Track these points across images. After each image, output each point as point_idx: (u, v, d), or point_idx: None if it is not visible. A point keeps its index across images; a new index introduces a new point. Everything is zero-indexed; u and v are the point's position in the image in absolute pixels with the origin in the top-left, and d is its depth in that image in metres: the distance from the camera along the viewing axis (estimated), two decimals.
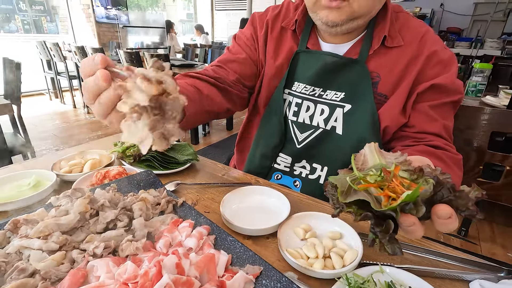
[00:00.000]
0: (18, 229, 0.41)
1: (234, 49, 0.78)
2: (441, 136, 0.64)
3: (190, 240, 0.42)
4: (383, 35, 0.64)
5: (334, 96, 0.68)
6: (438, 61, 0.63)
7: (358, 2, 0.56)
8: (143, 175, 0.61)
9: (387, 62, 0.65)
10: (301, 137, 0.73)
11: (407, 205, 0.30)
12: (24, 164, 0.76)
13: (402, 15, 0.68)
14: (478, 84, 1.73)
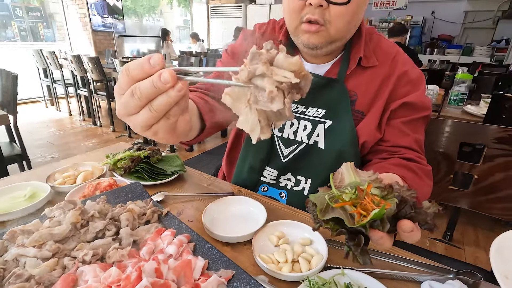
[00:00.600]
0: (15, 238, 0.46)
1: (231, 64, 0.82)
2: (413, 149, 0.70)
3: (171, 247, 0.47)
4: (359, 56, 0.70)
5: (316, 113, 0.73)
6: (408, 80, 0.70)
7: (335, 28, 0.62)
8: (131, 187, 0.65)
9: (363, 81, 0.71)
10: (286, 152, 0.78)
11: (375, 222, 0.36)
12: (20, 176, 0.80)
13: (375, 36, 0.75)
14: (460, 94, 1.81)
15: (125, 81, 0.34)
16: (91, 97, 3.75)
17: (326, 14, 0.60)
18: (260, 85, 0.32)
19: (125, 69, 0.34)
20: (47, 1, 5.89)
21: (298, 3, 0.62)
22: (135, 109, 0.35)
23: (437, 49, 7.55)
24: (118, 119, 4.11)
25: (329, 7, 0.59)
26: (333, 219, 0.38)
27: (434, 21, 8.35)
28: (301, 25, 0.64)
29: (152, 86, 0.33)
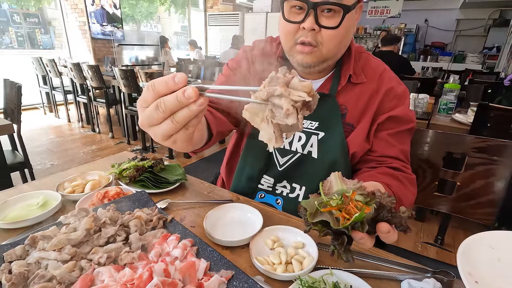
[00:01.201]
0: (36, 243, 0.51)
1: (233, 78, 0.87)
2: (399, 159, 0.77)
3: (176, 250, 0.52)
4: (349, 73, 0.76)
5: (310, 125, 0.79)
6: (395, 95, 0.77)
7: (327, 48, 0.69)
8: (137, 195, 0.71)
9: (353, 96, 0.77)
10: (282, 161, 0.83)
11: (356, 224, 0.42)
12: (31, 185, 0.85)
13: (364, 55, 0.82)
14: (448, 103, 1.88)
15: (150, 95, 0.38)
16: (90, 104, 3.80)
17: (318, 36, 0.67)
18: (277, 103, 0.38)
19: (151, 85, 0.38)
20: (44, 7, 5.96)
21: (292, 27, 0.68)
22: (158, 120, 0.39)
23: (430, 56, 7.71)
24: (117, 125, 4.16)
25: (320, 30, 0.66)
26: (321, 222, 0.44)
27: (427, 29, 8.54)
28: (296, 46, 0.70)
29: (176, 101, 0.37)
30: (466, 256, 0.44)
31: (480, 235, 0.51)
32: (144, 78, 2.82)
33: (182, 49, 8.66)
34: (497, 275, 0.44)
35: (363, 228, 0.41)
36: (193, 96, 0.37)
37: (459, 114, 1.88)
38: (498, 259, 0.47)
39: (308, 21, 0.64)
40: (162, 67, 5.16)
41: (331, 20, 0.64)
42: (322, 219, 0.43)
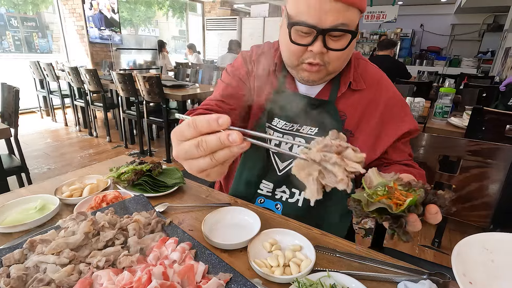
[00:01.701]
0: (34, 247, 0.51)
1: (233, 84, 0.84)
2: (407, 158, 0.81)
3: (175, 253, 0.52)
4: (349, 80, 0.77)
5: (309, 131, 0.80)
6: (400, 106, 0.79)
7: (333, 67, 0.70)
8: (136, 199, 0.71)
9: (351, 103, 0.78)
10: (282, 166, 0.84)
11: (411, 207, 0.45)
12: (29, 189, 0.85)
13: (362, 61, 0.83)
14: (444, 106, 1.91)
15: (190, 132, 0.39)
16: (88, 108, 3.79)
17: (325, 57, 0.68)
18: (330, 169, 0.41)
19: (192, 123, 0.38)
20: (42, 11, 5.97)
21: (299, 48, 0.67)
22: (197, 156, 0.40)
23: (426, 60, 7.80)
24: (114, 129, 4.15)
25: (328, 52, 0.66)
26: (377, 209, 0.47)
27: (423, 34, 8.65)
28: (302, 65, 0.71)
29: (219, 143, 0.37)
30: (460, 257, 0.45)
31: (474, 237, 0.52)
32: (142, 82, 2.82)
33: (180, 53, 8.69)
34: (491, 276, 0.45)
35: (418, 209, 0.45)
36: (237, 141, 0.37)
37: (455, 118, 1.90)
38: (492, 261, 0.48)
39: (317, 45, 0.64)
40: (160, 71, 5.17)
41: (338, 43, 0.65)
42: (379, 206, 0.47)
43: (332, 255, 0.61)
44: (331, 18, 0.61)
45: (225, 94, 0.81)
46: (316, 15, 0.61)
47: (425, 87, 3.09)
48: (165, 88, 2.94)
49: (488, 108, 1.54)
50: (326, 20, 0.61)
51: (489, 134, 1.57)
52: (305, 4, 0.62)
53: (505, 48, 5.56)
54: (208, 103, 0.77)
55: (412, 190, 0.48)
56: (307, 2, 0.61)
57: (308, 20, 0.62)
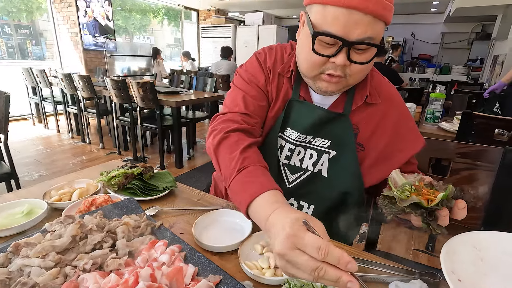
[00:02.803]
0: (19, 251, 0.50)
1: (253, 93, 0.78)
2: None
3: (164, 256, 0.52)
4: (365, 94, 0.75)
5: (322, 143, 0.77)
6: (407, 120, 0.79)
7: (353, 78, 0.67)
8: (126, 202, 0.70)
9: (365, 117, 0.77)
10: (291, 178, 0.82)
11: (443, 201, 0.49)
12: (17, 194, 0.83)
13: (375, 74, 0.81)
14: (434, 111, 1.93)
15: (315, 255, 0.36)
16: (81, 115, 3.76)
17: (347, 69, 0.64)
18: None
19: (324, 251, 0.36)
20: (37, 19, 5.95)
21: (321, 59, 0.64)
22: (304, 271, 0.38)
23: (418, 68, 7.95)
24: (107, 136, 4.11)
25: (350, 64, 0.63)
26: (410, 205, 0.50)
27: (414, 42, 8.84)
28: (321, 75, 0.67)
29: (336, 280, 0.36)
30: (449, 255, 0.45)
31: (463, 236, 0.52)
32: (136, 88, 2.82)
33: (175, 60, 8.72)
34: (480, 274, 0.45)
35: (450, 203, 0.49)
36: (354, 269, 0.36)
37: (445, 123, 1.93)
38: (481, 259, 0.48)
39: (340, 58, 0.61)
40: (154, 77, 5.17)
41: (362, 56, 0.62)
42: (413, 201, 0.50)
43: None
44: (358, 31, 0.58)
45: (248, 106, 0.76)
46: (343, 27, 0.58)
47: (417, 93, 3.15)
48: (159, 95, 2.93)
49: (477, 113, 1.57)
50: (354, 33, 0.58)
51: (479, 138, 1.59)
52: (333, 15, 0.58)
53: (493, 56, 5.70)
54: (234, 119, 0.73)
55: (435, 189, 0.52)
56: (335, 12, 0.58)
57: (335, 31, 0.59)
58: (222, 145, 0.68)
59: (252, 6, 7.95)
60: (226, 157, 0.64)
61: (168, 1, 7.83)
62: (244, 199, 0.54)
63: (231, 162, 0.62)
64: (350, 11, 0.56)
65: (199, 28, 8.61)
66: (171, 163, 3.34)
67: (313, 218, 0.42)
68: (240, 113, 0.75)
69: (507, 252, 0.48)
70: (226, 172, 0.62)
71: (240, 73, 0.83)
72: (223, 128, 0.70)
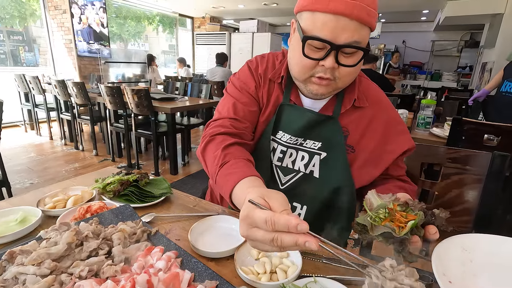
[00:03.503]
0: (14, 259, 0.49)
1: (243, 99, 0.82)
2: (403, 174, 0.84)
3: (160, 262, 0.52)
4: (353, 98, 0.78)
5: (313, 145, 0.80)
6: (396, 122, 0.82)
7: (342, 81, 0.70)
8: (121, 209, 0.70)
9: (354, 120, 0.80)
10: (284, 180, 0.83)
11: (413, 230, 0.48)
12: (10, 201, 0.82)
13: (364, 80, 0.84)
14: (426, 117, 1.98)
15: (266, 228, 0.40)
16: (74, 121, 3.73)
17: (336, 72, 0.68)
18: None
19: (271, 222, 0.39)
20: (30, 25, 5.93)
21: (311, 62, 0.67)
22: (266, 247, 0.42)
23: (409, 75, 8.10)
24: (101, 142, 4.08)
25: (339, 67, 0.67)
26: (382, 234, 0.49)
27: (405, 49, 9.03)
28: (312, 78, 0.71)
29: (294, 244, 0.39)
30: (440, 258, 0.47)
31: (453, 239, 0.54)
32: (130, 94, 2.81)
33: (170, 67, 8.74)
34: (470, 275, 0.46)
35: (420, 232, 0.49)
36: (315, 248, 0.39)
37: (436, 128, 1.97)
38: (471, 260, 0.49)
39: (329, 61, 0.65)
40: (149, 84, 5.17)
41: (350, 59, 0.66)
42: (384, 231, 0.49)
43: (319, 261, 0.61)
44: (345, 36, 0.62)
45: (238, 112, 0.80)
46: (331, 31, 0.62)
47: (409, 99, 3.20)
48: (154, 101, 2.93)
49: (467, 119, 1.61)
50: (341, 37, 0.62)
51: (469, 143, 1.63)
52: (322, 21, 0.62)
53: (481, 63, 5.85)
54: (223, 124, 0.78)
55: (410, 210, 0.51)
56: (323, 18, 0.62)
57: (324, 35, 0.62)
58: (208, 147, 0.73)
59: (247, 14, 8.05)
60: (211, 156, 0.70)
61: (163, 9, 7.88)
62: (226, 190, 0.59)
63: (214, 159, 0.68)
64: (337, 17, 0.61)
65: (194, 35, 8.67)
66: (165, 170, 3.33)
67: (271, 191, 0.47)
68: (229, 119, 0.79)
69: (494, 253, 0.49)
70: (212, 170, 0.68)
71: (232, 81, 0.87)
72: (211, 132, 0.75)
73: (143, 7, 7.55)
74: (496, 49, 5.04)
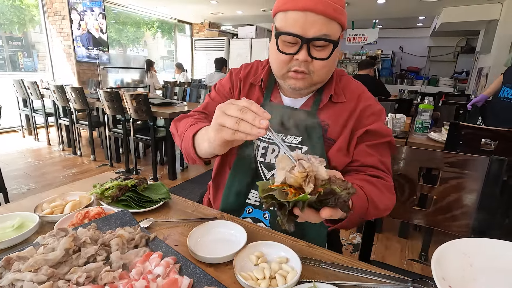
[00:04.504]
0: (11, 265, 0.49)
1: (216, 98, 0.94)
2: (378, 168, 0.80)
3: (159, 268, 0.52)
4: (330, 93, 0.82)
5: (294, 140, 0.84)
6: (372, 113, 0.83)
7: (317, 76, 0.76)
8: (120, 214, 0.70)
9: (334, 114, 0.83)
10: (268, 175, 0.86)
11: (298, 202, 0.48)
12: (6, 207, 0.82)
13: (345, 77, 0.88)
14: (423, 122, 1.99)
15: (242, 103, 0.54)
16: (73, 126, 3.72)
17: (310, 66, 0.74)
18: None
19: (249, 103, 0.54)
20: (29, 31, 5.95)
21: (286, 57, 0.74)
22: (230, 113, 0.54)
23: (406, 80, 8.16)
24: (99, 148, 4.07)
25: (312, 61, 0.73)
26: (270, 196, 0.49)
27: (402, 55, 9.12)
28: (289, 73, 0.77)
29: (252, 118, 0.52)
30: (440, 262, 0.47)
31: (452, 243, 0.54)
32: (129, 100, 2.82)
33: (169, 72, 8.77)
34: (470, 279, 0.46)
35: (303, 208, 0.48)
36: (264, 125, 0.51)
37: (434, 133, 1.98)
38: (471, 265, 0.49)
39: (302, 54, 0.71)
40: (147, 89, 5.18)
41: (322, 52, 0.72)
42: (271, 193, 0.49)
43: (318, 266, 0.61)
44: (314, 29, 0.68)
45: (207, 107, 0.93)
46: (301, 27, 0.68)
47: (406, 104, 3.23)
48: (152, 106, 2.94)
49: (464, 123, 1.62)
50: (310, 31, 0.68)
51: (467, 148, 1.64)
52: (293, 18, 0.69)
53: (478, 69, 5.92)
54: (192, 114, 0.91)
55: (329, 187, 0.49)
56: (293, 15, 0.69)
57: (295, 30, 0.69)
58: (182, 119, 0.88)
59: (245, 20, 8.12)
60: (183, 123, 0.84)
61: (162, 15, 7.94)
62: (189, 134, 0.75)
63: (185, 125, 0.81)
64: (305, 13, 0.68)
65: (192, 40, 8.72)
66: (164, 175, 3.31)
67: None
68: (198, 112, 0.92)
69: (494, 257, 0.49)
70: (181, 130, 0.82)
71: (216, 84, 0.98)
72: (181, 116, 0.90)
73: (142, 13, 7.61)
74: (492, 55, 5.10)
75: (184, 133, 0.79)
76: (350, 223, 0.65)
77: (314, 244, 0.70)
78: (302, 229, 0.83)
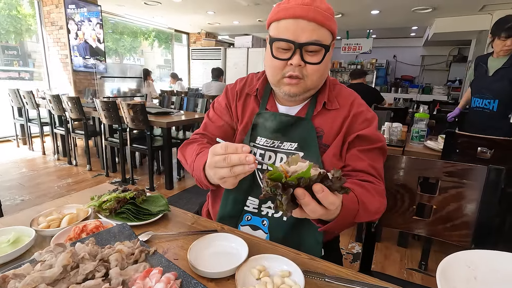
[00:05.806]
0: (7, 283, 0.47)
1: (214, 118, 0.97)
2: (369, 173, 0.81)
3: (159, 285, 0.50)
4: (323, 100, 0.85)
5: (290, 146, 0.85)
6: (364, 119, 0.84)
7: (311, 80, 0.79)
8: (118, 228, 0.68)
9: (328, 120, 0.85)
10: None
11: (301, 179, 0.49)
12: (2, 221, 0.80)
13: (338, 86, 0.91)
14: (420, 131, 2.01)
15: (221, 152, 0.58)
16: (68, 136, 3.69)
17: (303, 70, 0.77)
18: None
19: (225, 146, 0.58)
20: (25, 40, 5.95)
21: (280, 63, 0.78)
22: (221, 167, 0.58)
23: (401, 88, 8.27)
24: (95, 157, 4.03)
25: (305, 66, 0.76)
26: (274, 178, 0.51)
27: (396, 64, 9.28)
28: (283, 78, 0.80)
29: (238, 160, 0.56)
30: (444, 275, 0.46)
31: (457, 255, 0.53)
32: (126, 109, 2.81)
33: (165, 81, 8.79)
34: None
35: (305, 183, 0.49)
36: (252, 161, 0.55)
37: (431, 141, 2.00)
38: (475, 277, 0.49)
39: (295, 59, 0.74)
40: (144, 98, 5.18)
41: (314, 57, 0.75)
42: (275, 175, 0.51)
43: (321, 280, 0.60)
44: (306, 35, 0.73)
45: (206, 127, 0.97)
46: (294, 33, 0.73)
47: (402, 112, 3.26)
48: (149, 115, 2.93)
49: (460, 132, 1.64)
50: (302, 37, 0.73)
51: (463, 156, 1.65)
52: (285, 26, 0.74)
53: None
54: (194, 138, 0.95)
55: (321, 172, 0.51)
56: (286, 23, 0.74)
57: (287, 37, 0.73)
58: (188, 146, 0.91)
59: (242, 30, 8.22)
60: (189, 151, 0.87)
61: (159, 25, 8.01)
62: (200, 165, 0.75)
63: (192, 153, 0.84)
64: (297, 20, 0.72)
65: (189, 50, 8.79)
66: (161, 185, 3.28)
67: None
68: (199, 134, 0.97)
69: (498, 270, 0.49)
70: (190, 160, 0.83)
71: (214, 103, 1.01)
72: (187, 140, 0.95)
73: (139, 23, 7.67)
74: None
75: (193, 164, 0.80)
76: (340, 224, 0.64)
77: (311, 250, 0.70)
78: (299, 235, 0.84)
